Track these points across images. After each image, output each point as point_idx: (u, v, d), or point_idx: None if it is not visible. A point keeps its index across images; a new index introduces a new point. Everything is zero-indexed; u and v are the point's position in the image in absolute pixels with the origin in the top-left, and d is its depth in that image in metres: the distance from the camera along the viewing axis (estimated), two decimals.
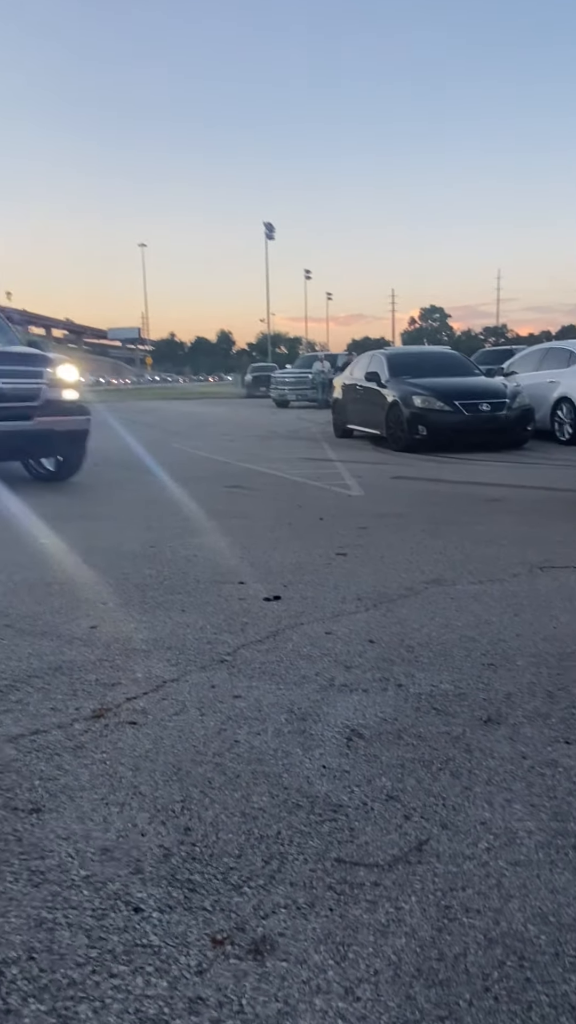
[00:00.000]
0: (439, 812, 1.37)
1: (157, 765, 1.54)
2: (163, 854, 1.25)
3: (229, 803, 1.40)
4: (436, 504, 4.89)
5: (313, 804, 1.39)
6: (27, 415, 5.24)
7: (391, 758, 1.56)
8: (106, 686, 1.94)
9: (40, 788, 1.45)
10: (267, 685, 1.94)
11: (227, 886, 1.17)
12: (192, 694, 1.88)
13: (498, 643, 2.24)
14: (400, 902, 1.14)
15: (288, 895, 1.15)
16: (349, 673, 2.01)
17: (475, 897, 1.15)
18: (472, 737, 1.65)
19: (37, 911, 1.12)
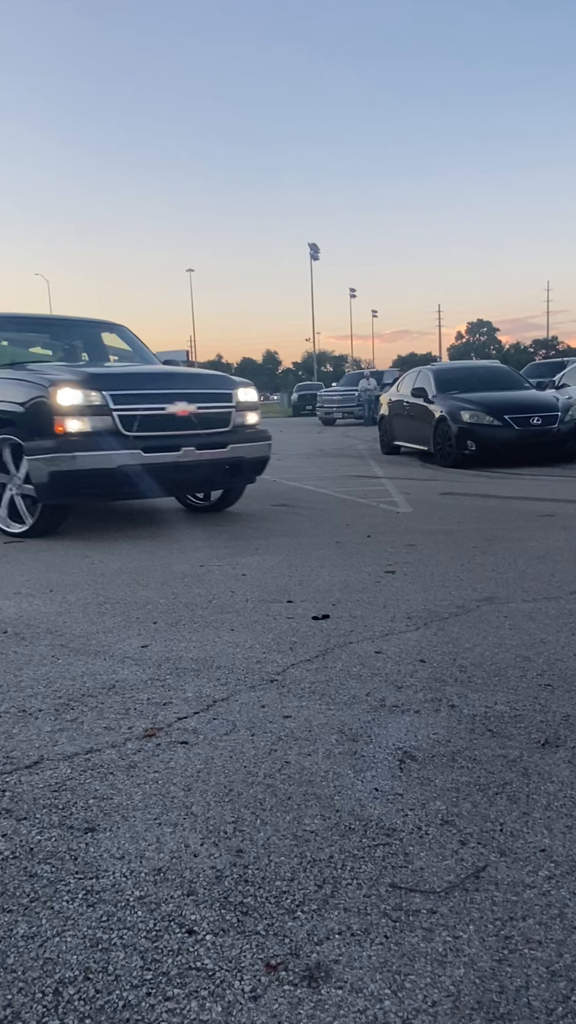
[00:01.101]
0: (496, 838, 1.33)
1: (209, 785, 1.54)
2: (215, 876, 1.25)
3: (281, 825, 1.39)
4: (487, 520, 4.81)
5: (366, 828, 1.37)
6: (223, 443, 4.75)
7: (445, 781, 1.53)
8: (157, 705, 1.95)
9: (95, 807, 1.47)
10: (317, 705, 1.92)
11: (280, 910, 1.16)
12: (242, 714, 1.88)
13: (555, 663, 2.18)
14: (458, 931, 1.11)
15: (342, 921, 1.13)
16: (400, 693, 1.98)
17: (536, 927, 1.11)
18: (529, 760, 1.60)
19: (93, 931, 1.13)
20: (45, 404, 4.28)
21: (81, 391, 4.29)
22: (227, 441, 4.77)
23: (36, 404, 4.34)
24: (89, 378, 4.43)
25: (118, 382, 4.52)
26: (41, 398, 4.31)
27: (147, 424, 4.45)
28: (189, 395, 4.68)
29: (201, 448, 4.61)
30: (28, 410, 4.39)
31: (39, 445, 4.31)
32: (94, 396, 4.31)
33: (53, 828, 1.40)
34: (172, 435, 4.53)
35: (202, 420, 4.71)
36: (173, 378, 4.96)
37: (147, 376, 4.94)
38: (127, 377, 4.75)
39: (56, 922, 1.15)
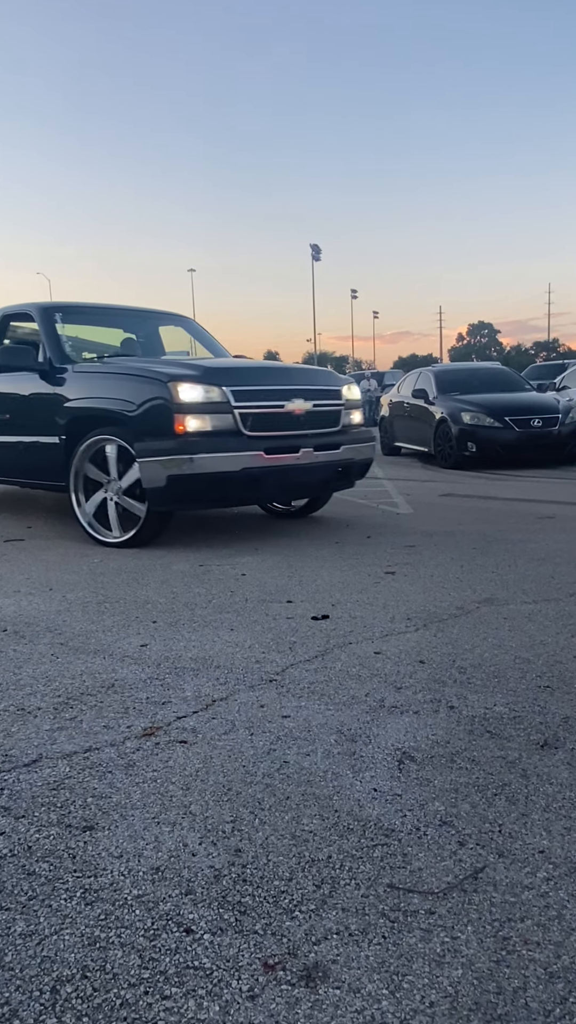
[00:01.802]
0: (495, 839, 1.33)
1: (207, 785, 1.54)
2: (214, 875, 1.25)
3: (279, 825, 1.39)
4: (487, 522, 4.81)
5: (364, 828, 1.37)
6: (337, 444, 4.40)
7: (444, 782, 1.53)
8: (156, 704, 1.95)
9: (93, 806, 1.47)
10: (316, 705, 1.92)
11: (278, 910, 1.16)
12: (241, 713, 1.88)
13: (554, 665, 2.18)
14: (456, 931, 1.10)
15: (340, 921, 1.13)
16: (399, 694, 1.98)
17: (535, 929, 1.11)
18: (528, 762, 1.60)
19: (91, 930, 1.13)
20: (163, 401, 3.86)
21: (202, 387, 3.91)
22: (340, 442, 4.43)
23: (152, 400, 3.90)
24: (209, 373, 4.04)
25: (237, 377, 4.13)
26: (158, 394, 3.88)
27: (267, 423, 4.07)
28: (305, 392, 4.30)
29: (318, 449, 4.25)
30: (142, 407, 3.94)
31: (155, 446, 3.86)
32: (215, 392, 3.92)
33: (51, 826, 1.40)
34: (291, 435, 4.17)
35: (317, 419, 4.35)
36: (288, 373, 4.56)
37: (263, 371, 4.56)
38: (244, 371, 4.33)
39: (54, 920, 1.15)
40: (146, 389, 3.97)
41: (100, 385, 4.28)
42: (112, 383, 4.21)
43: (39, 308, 4.94)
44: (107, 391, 4.19)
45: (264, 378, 4.30)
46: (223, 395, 3.93)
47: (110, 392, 4.16)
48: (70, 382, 4.39)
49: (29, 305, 5.06)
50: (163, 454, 3.85)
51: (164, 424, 3.87)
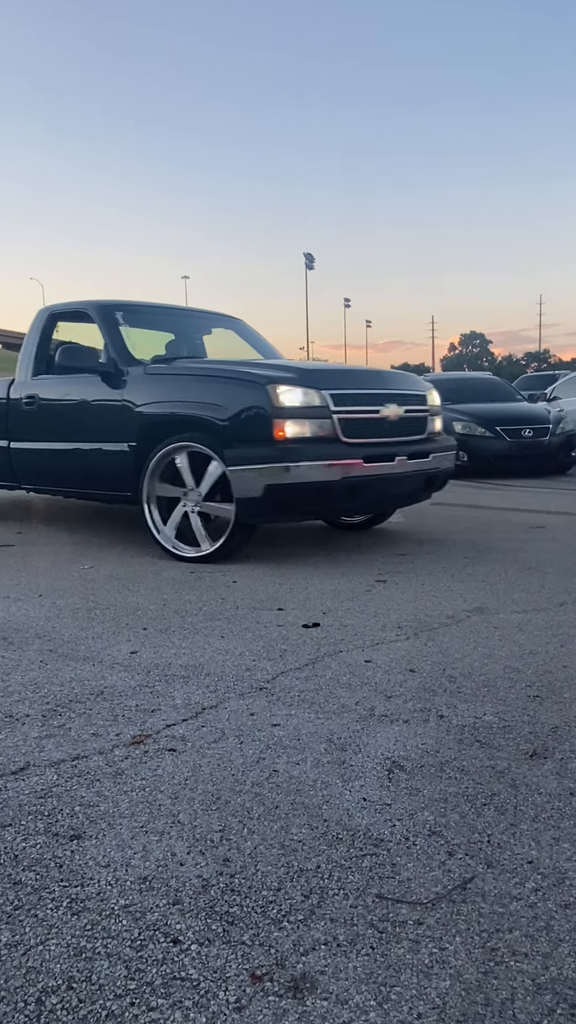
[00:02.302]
0: (484, 849, 1.33)
1: (196, 793, 1.53)
2: (202, 885, 1.24)
3: (268, 834, 1.38)
4: (477, 531, 4.83)
5: (354, 838, 1.37)
6: (426, 452, 4.14)
7: (433, 792, 1.52)
8: (146, 712, 1.95)
9: (80, 814, 1.46)
10: (306, 714, 1.92)
11: (266, 920, 1.16)
12: (231, 721, 1.88)
13: (544, 674, 2.18)
14: (444, 942, 1.10)
15: (328, 931, 1.13)
16: (389, 703, 1.98)
17: (523, 940, 1.11)
18: (518, 772, 1.60)
19: (77, 940, 1.12)
20: (261, 405, 3.59)
21: (301, 390, 3.64)
22: (429, 450, 4.17)
23: (248, 404, 3.64)
24: (306, 375, 3.80)
25: (334, 380, 3.86)
26: (255, 398, 3.61)
27: (363, 429, 3.81)
28: (398, 396, 4.05)
29: (411, 458, 4.00)
30: (235, 412, 3.67)
31: (250, 453, 3.59)
32: (315, 396, 3.66)
33: (38, 835, 1.39)
34: (386, 442, 3.92)
35: (408, 426, 4.10)
36: (381, 376, 4.28)
37: (357, 373, 4.28)
38: (340, 374, 4.06)
39: (40, 930, 1.14)
40: (240, 392, 3.69)
41: (180, 388, 3.99)
42: (196, 386, 3.93)
43: (98, 306, 4.58)
44: (190, 395, 3.90)
45: (359, 381, 4.04)
46: (322, 399, 3.68)
47: (194, 396, 3.87)
48: (141, 385, 4.08)
49: (84, 303, 4.71)
50: (260, 462, 3.58)
51: (261, 430, 3.59)
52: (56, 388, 4.57)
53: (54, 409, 4.55)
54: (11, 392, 4.79)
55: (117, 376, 4.17)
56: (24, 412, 4.67)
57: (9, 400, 4.79)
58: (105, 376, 4.21)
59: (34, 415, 4.63)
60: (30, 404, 4.64)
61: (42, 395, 4.61)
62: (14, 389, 4.78)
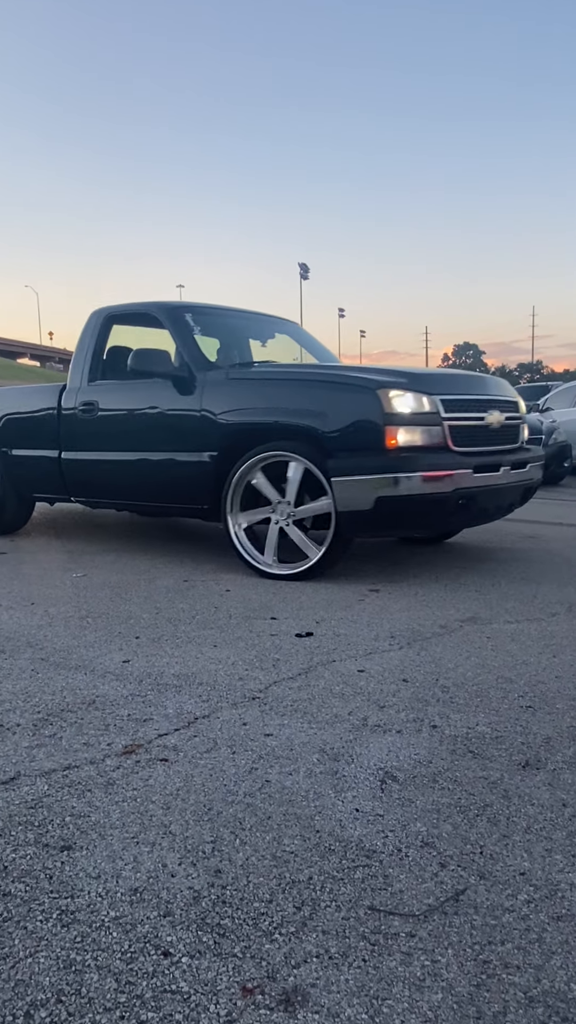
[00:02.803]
0: (476, 861, 1.33)
1: (188, 804, 1.52)
2: (193, 897, 1.23)
3: (260, 845, 1.37)
4: (470, 540, 4.84)
5: (346, 849, 1.36)
6: (524, 462, 3.86)
7: (426, 802, 1.52)
8: (138, 722, 1.94)
9: (71, 825, 1.45)
10: (299, 723, 1.91)
11: (258, 932, 1.15)
12: (223, 731, 1.87)
13: (536, 684, 2.19)
14: (436, 955, 1.10)
15: (320, 944, 1.12)
16: (382, 713, 1.98)
17: (515, 952, 1.10)
18: (510, 782, 1.60)
19: (66, 952, 1.11)
20: (371, 411, 3.33)
21: (413, 395, 3.39)
22: (525, 460, 3.90)
23: (356, 411, 3.38)
24: (416, 379, 3.52)
25: (441, 384, 3.60)
26: (365, 404, 3.35)
27: (471, 438, 3.58)
28: (499, 403, 3.81)
29: (512, 468, 3.74)
30: (341, 418, 3.41)
31: (359, 463, 3.32)
32: (426, 401, 3.41)
33: (28, 846, 1.38)
34: (491, 451, 3.68)
35: (506, 434, 3.85)
36: (482, 381, 3.98)
37: (459, 378, 4.01)
38: (446, 379, 3.82)
39: (29, 943, 1.13)
40: (347, 398, 3.44)
41: (272, 394, 3.70)
42: (293, 392, 3.64)
43: (167, 307, 4.31)
44: (284, 401, 3.62)
45: (464, 386, 3.77)
46: (433, 404, 3.43)
47: (290, 402, 3.59)
48: (222, 391, 3.80)
49: (148, 304, 4.42)
50: (370, 472, 3.31)
51: (371, 438, 3.34)
52: (119, 395, 4.27)
53: (117, 417, 4.24)
54: (64, 400, 4.49)
55: (192, 381, 3.90)
56: (80, 420, 4.37)
57: (61, 408, 4.48)
58: (179, 381, 3.94)
59: (92, 423, 4.32)
60: (87, 411, 4.33)
61: (102, 402, 4.29)
62: (67, 396, 4.47)
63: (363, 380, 3.45)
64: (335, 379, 3.59)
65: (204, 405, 3.82)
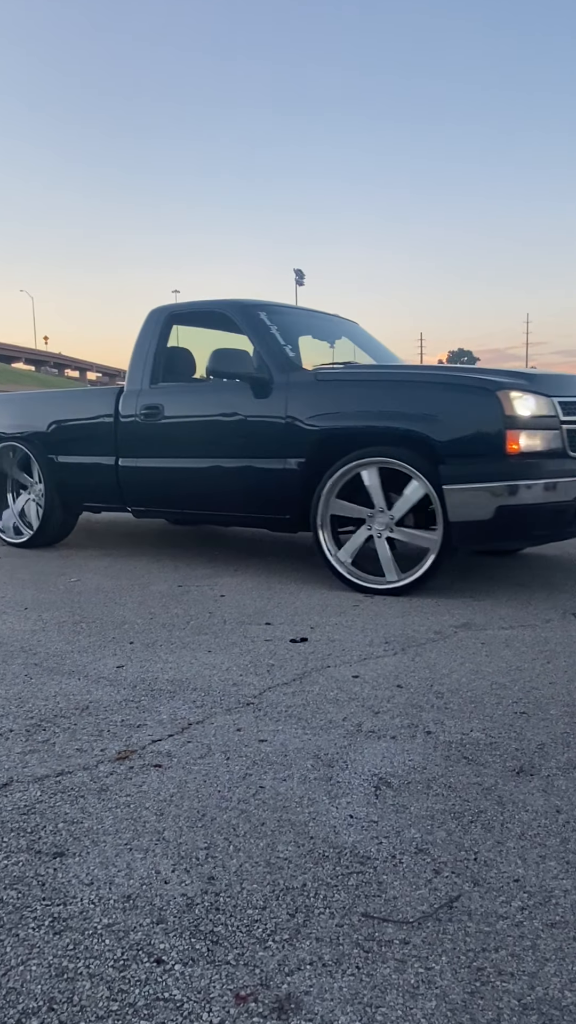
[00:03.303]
0: (470, 867, 1.32)
1: (182, 810, 1.51)
2: (186, 903, 1.23)
3: (254, 852, 1.37)
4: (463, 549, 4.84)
5: (340, 855, 1.36)
6: None
7: (420, 809, 1.52)
8: (132, 727, 1.93)
9: (64, 831, 1.44)
10: (293, 729, 1.91)
11: (251, 939, 1.14)
12: (217, 737, 1.86)
13: (530, 691, 2.19)
14: (430, 962, 1.09)
15: (314, 951, 1.12)
16: (377, 719, 1.98)
17: (509, 959, 1.10)
18: (504, 789, 1.60)
19: (59, 960, 1.10)
20: (491, 414, 3.12)
21: (534, 397, 3.17)
22: None
23: (474, 414, 3.18)
24: (534, 380, 3.32)
25: (556, 385, 3.37)
26: (484, 406, 3.14)
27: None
28: None
29: None
30: (455, 421, 3.21)
31: (476, 470, 3.12)
32: (545, 404, 3.19)
33: (20, 852, 1.37)
34: None
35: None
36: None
37: (566, 379, 3.70)
38: (557, 380, 3.55)
39: (21, 950, 1.12)
40: (463, 400, 3.23)
41: (371, 396, 3.47)
42: (396, 394, 3.41)
43: (241, 306, 4.05)
44: (385, 403, 3.39)
45: (573, 387, 3.52)
46: (552, 407, 3.21)
47: (393, 405, 3.36)
48: (310, 393, 3.56)
49: (218, 303, 4.18)
50: (489, 480, 3.10)
51: (492, 443, 3.12)
52: (189, 397, 4.07)
53: (186, 421, 4.01)
54: (122, 404, 4.21)
55: (275, 383, 3.66)
56: (141, 425, 4.11)
57: (119, 412, 4.21)
58: (260, 383, 3.69)
59: (156, 428, 4.06)
60: (151, 416, 4.07)
61: (168, 405, 4.04)
62: (126, 400, 4.20)
63: (481, 381, 3.24)
64: (447, 380, 3.35)
65: (290, 408, 3.58)
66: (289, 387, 3.63)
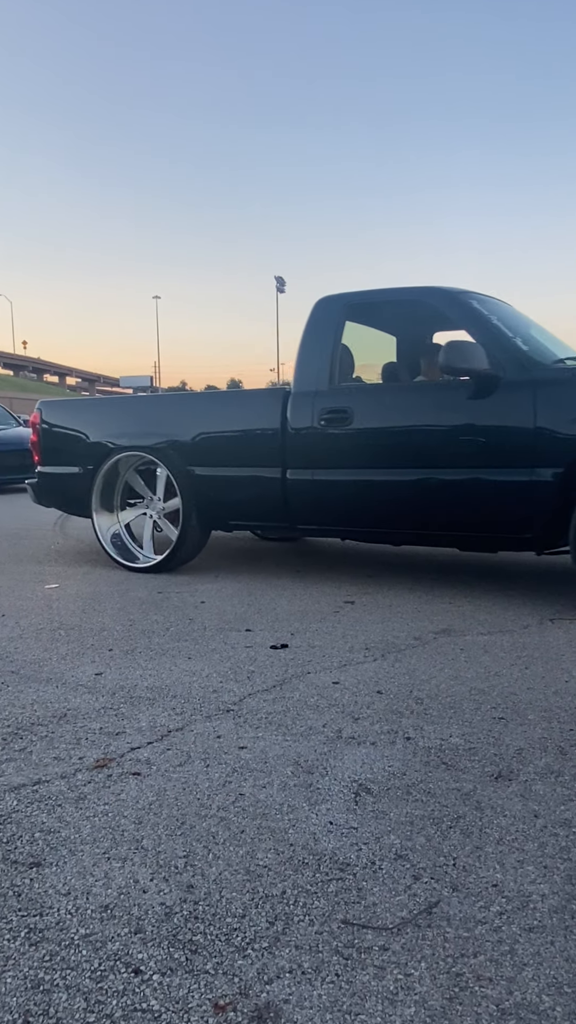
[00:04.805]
0: (449, 873, 1.33)
1: (160, 818, 1.50)
2: (165, 913, 1.22)
3: (233, 860, 1.36)
4: (443, 553, 4.87)
5: (320, 862, 1.36)
6: None
7: (400, 815, 1.52)
8: (110, 735, 1.91)
9: (41, 841, 1.42)
10: (273, 736, 1.91)
11: (230, 948, 1.14)
12: (197, 744, 1.85)
13: (508, 696, 2.20)
14: (409, 968, 1.10)
15: (293, 959, 1.11)
16: (357, 725, 1.98)
17: (487, 964, 1.10)
18: (483, 794, 1.61)
19: (35, 972, 1.09)
20: None
21: None
22: None
23: None
24: None
25: None
26: None
27: None
28: None
29: None
30: None
31: None
32: None
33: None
34: None
35: None
36: None
37: None
38: None
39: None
40: None
41: None
42: None
43: (449, 294, 3.53)
44: None
45: None
46: None
47: None
48: (568, 392, 3.10)
49: (417, 290, 3.64)
50: None
51: None
52: (392, 399, 3.57)
53: (389, 427, 3.49)
54: (293, 408, 3.67)
55: (512, 382, 3.19)
56: (322, 433, 3.58)
57: (288, 418, 3.67)
58: (493, 382, 3.21)
59: (343, 436, 3.54)
60: (336, 421, 3.55)
61: (359, 409, 3.52)
62: (297, 404, 3.67)
63: None
64: None
65: (539, 410, 3.08)
66: (536, 385, 3.13)
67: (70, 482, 4.31)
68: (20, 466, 9.19)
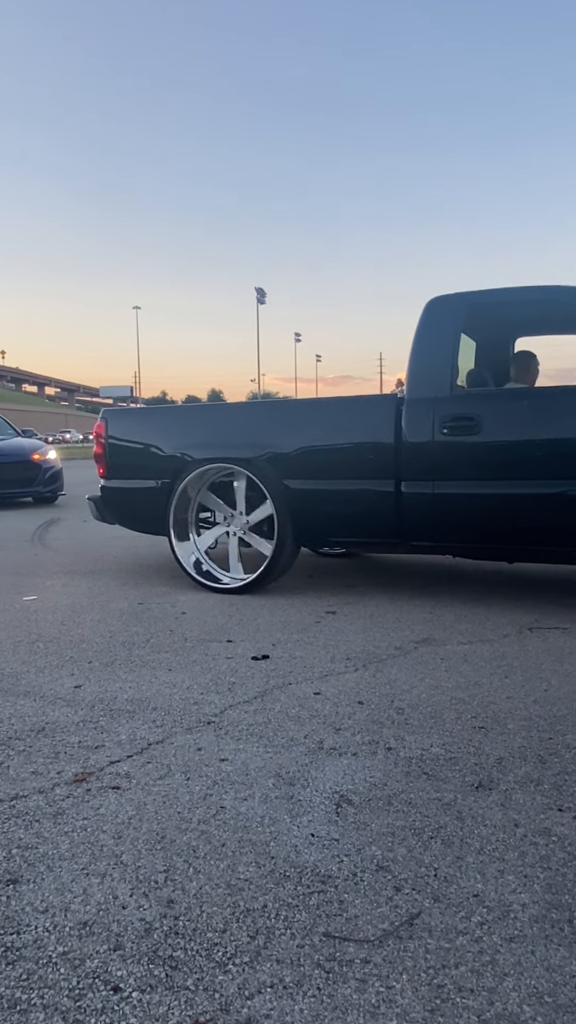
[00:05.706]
0: (431, 883, 1.33)
1: (140, 833, 1.49)
2: (145, 929, 1.20)
3: (214, 874, 1.35)
4: (423, 563, 4.90)
5: (301, 875, 1.35)
6: None
7: (381, 826, 1.52)
8: (89, 749, 1.89)
9: (18, 857, 1.40)
10: (254, 748, 1.90)
11: (211, 963, 1.13)
12: (177, 757, 1.84)
13: (488, 705, 2.21)
14: (391, 980, 1.09)
15: (275, 973, 1.11)
16: (338, 736, 1.98)
17: (469, 975, 1.10)
18: (463, 804, 1.61)
19: (11, 991, 1.07)
20: None
21: None
22: None
23: None
24: None
25: None
26: None
27: None
28: None
29: None
30: None
31: None
32: None
33: None
34: None
35: None
36: None
37: None
38: None
39: None
40: None
41: None
42: None
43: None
44: None
45: None
46: None
47: None
48: None
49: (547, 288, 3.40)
50: None
51: None
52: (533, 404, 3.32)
53: (527, 438, 3.25)
54: (407, 415, 3.43)
55: None
56: (444, 442, 3.33)
57: (403, 427, 3.43)
58: None
59: (472, 445, 3.30)
60: (462, 430, 3.31)
61: (490, 417, 3.30)
62: (413, 411, 3.42)
63: None
64: None
65: None
66: None
67: (139, 497, 4.00)
68: (23, 479, 8.68)
